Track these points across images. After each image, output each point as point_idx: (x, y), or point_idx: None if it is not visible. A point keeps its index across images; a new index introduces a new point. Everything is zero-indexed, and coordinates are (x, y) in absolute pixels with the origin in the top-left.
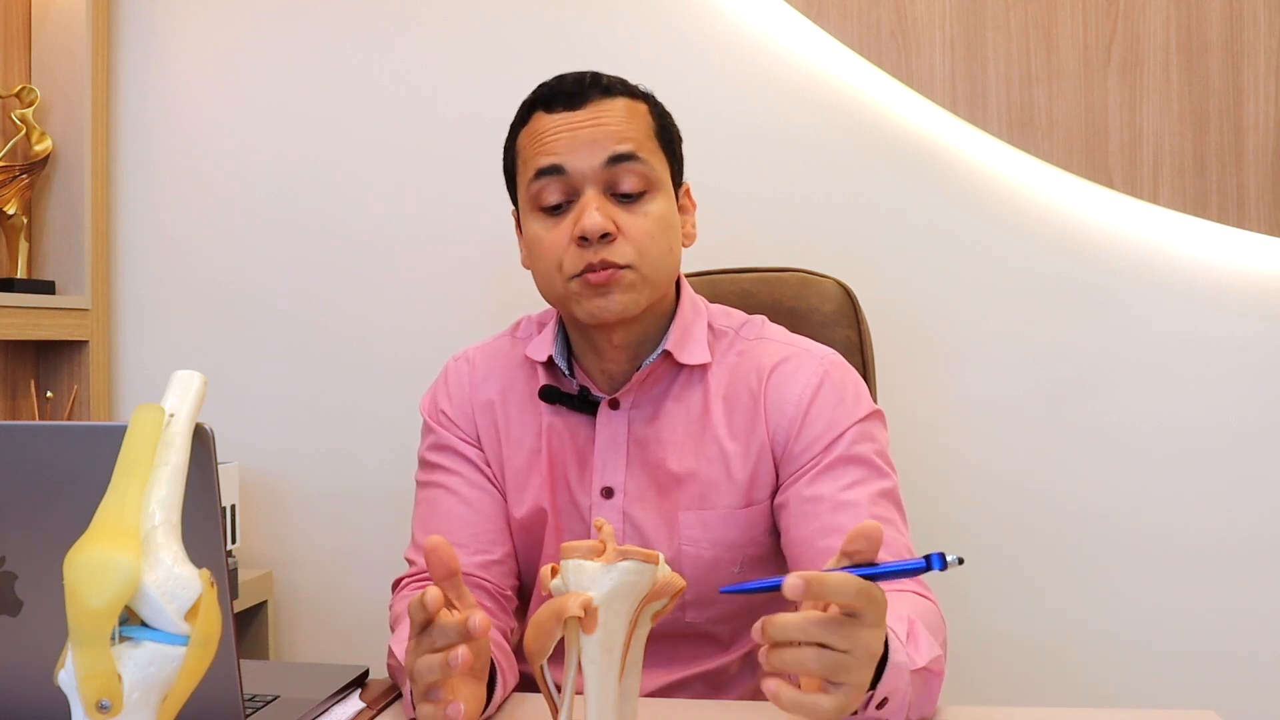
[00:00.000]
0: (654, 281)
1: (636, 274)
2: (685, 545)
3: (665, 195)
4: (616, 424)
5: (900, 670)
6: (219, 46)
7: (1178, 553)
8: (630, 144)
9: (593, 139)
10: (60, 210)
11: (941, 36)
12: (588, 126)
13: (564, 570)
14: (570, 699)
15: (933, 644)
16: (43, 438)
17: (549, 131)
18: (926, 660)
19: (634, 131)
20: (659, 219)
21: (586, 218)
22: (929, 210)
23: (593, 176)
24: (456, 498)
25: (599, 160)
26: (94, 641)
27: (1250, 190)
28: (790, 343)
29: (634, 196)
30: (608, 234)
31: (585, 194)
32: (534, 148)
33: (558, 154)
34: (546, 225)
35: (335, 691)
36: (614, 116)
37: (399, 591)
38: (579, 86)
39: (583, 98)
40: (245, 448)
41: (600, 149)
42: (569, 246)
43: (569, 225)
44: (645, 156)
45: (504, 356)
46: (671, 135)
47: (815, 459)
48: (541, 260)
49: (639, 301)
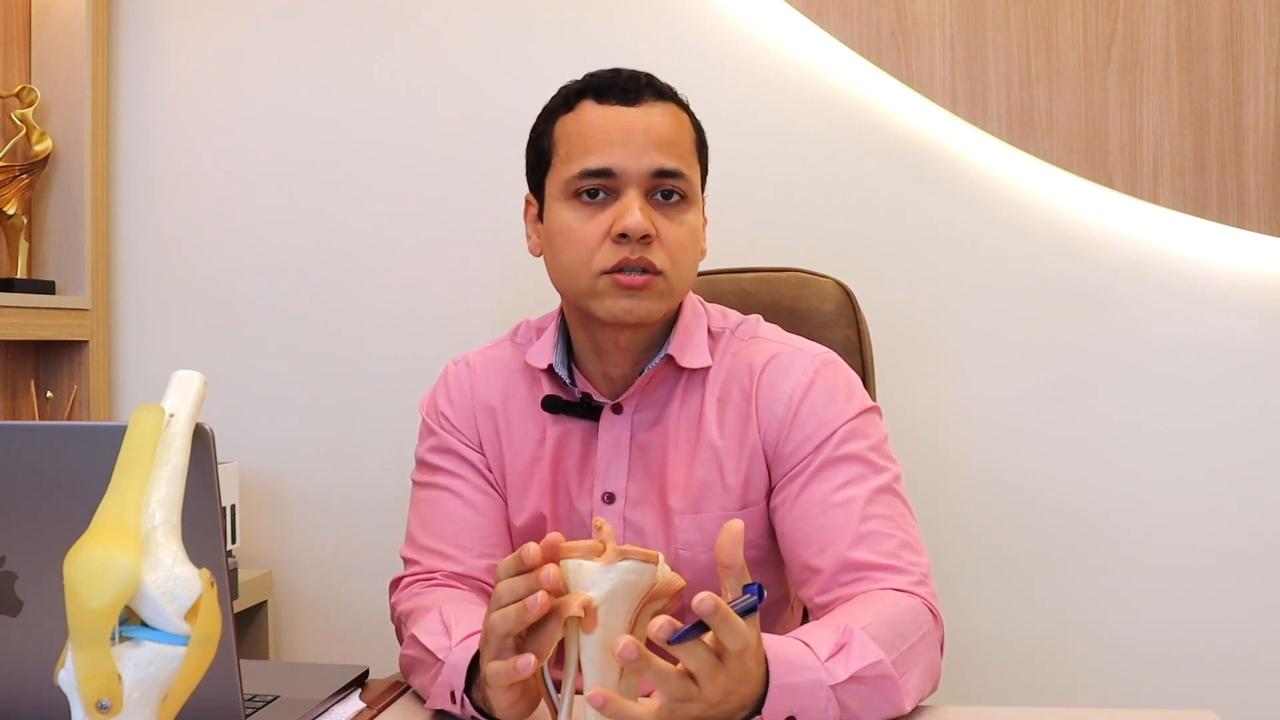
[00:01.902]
0: (678, 292)
1: (667, 283)
2: (682, 549)
3: (698, 208)
4: (619, 429)
5: (795, 691)
6: (219, 46)
7: (1178, 553)
8: (678, 154)
9: (645, 143)
10: (60, 210)
11: (941, 36)
12: (641, 128)
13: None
14: (570, 699)
15: (871, 650)
16: (43, 438)
17: (600, 124)
18: (855, 669)
19: (681, 141)
20: (692, 230)
21: (630, 217)
22: (929, 210)
23: (638, 179)
24: (461, 500)
25: (648, 165)
26: (94, 641)
27: (1250, 190)
28: (783, 341)
29: (672, 203)
30: (648, 236)
31: (628, 193)
32: (583, 139)
33: (608, 151)
34: (581, 216)
35: (335, 691)
36: (667, 122)
37: (402, 590)
38: (635, 84)
39: (638, 95)
40: (245, 448)
41: (651, 154)
42: (603, 241)
43: (606, 220)
44: (688, 171)
45: (504, 362)
46: (706, 148)
47: (806, 459)
48: (568, 250)
49: (660, 309)
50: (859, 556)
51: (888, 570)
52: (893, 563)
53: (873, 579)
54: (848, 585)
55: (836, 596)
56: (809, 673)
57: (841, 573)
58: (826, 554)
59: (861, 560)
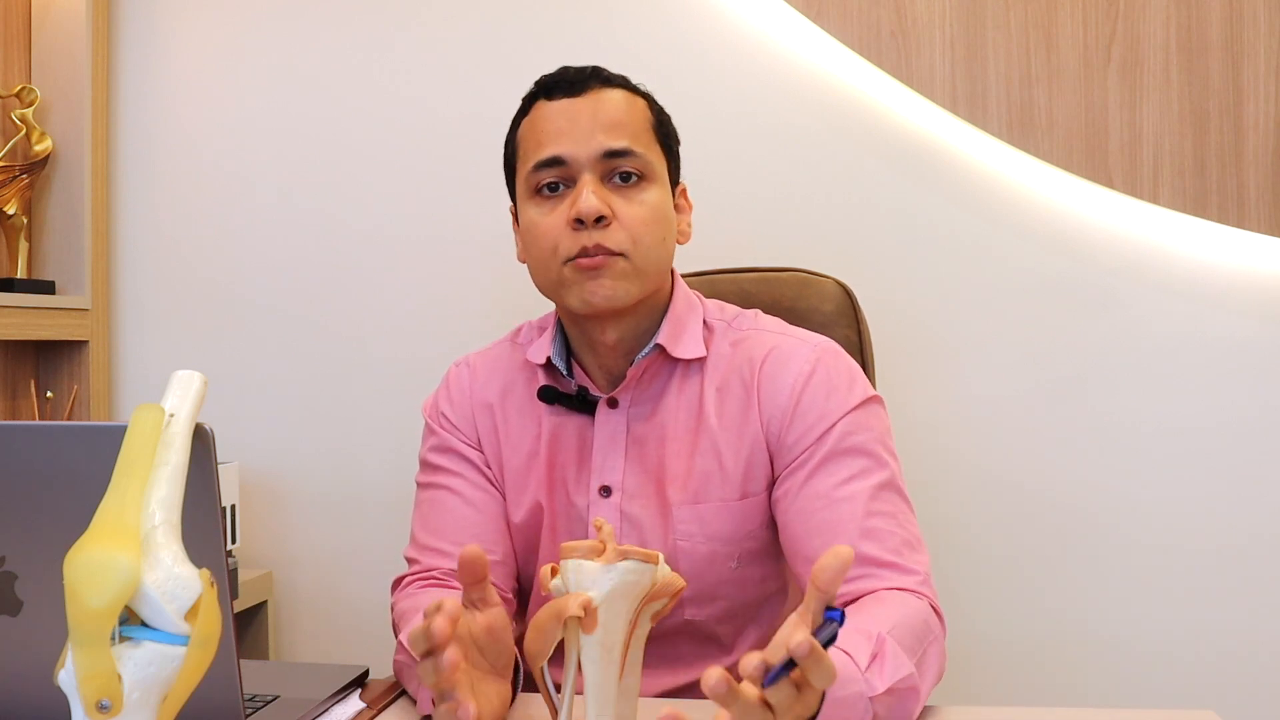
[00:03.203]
0: (645, 272)
1: (629, 263)
2: (680, 540)
3: (661, 187)
4: (615, 422)
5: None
6: (219, 46)
7: (1178, 553)
8: (627, 134)
9: (592, 126)
10: (60, 210)
11: (941, 36)
12: (587, 114)
13: (564, 570)
14: (570, 699)
15: (903, 662)
16: (43, 438)
17: (549, 118)
18: (891, 683)
19: (631, 122)
20: (654, 208)
21: (583, 200)
22: (929, 210)
23: (590, 164)
24: (460, 499)
25: (597, 149)
26: (94, 641)
27: (1250, 190)
28: (784, 332)
29: (630, 184)
30: (603, 217)
31: (582, 178)
32: (534, 136)
33: (557, 141)
34: (543, 210)
35: (335, 691)
36: (613, 106)
37: (401, 589)
38: (580, 76)
39: (583, 86)
40: (245, 448)
41: (599, 137)
42: (564, 230)
43: (565, 209)
44: (641, 149)
45: (504, 361)
46: (669, 132)
47: (809, 450)
48: (536, 246)
49: (630, 291)
50: (864, 551)
51: (892, 568)
52: (896, 560)
53: (877, 576)
54: (852, 581)
55: (841, 591)
56: (854, 684)
57: None
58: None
59: (867, 555)
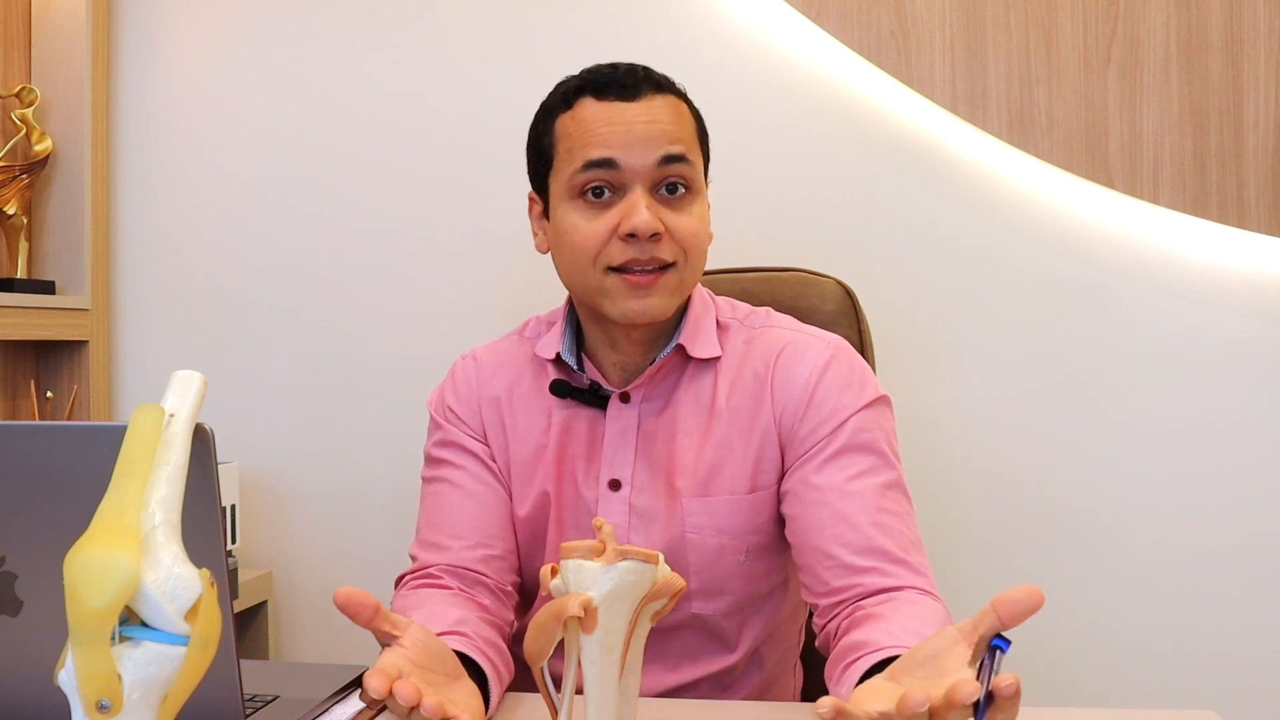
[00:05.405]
0: (688, 283)
1: (678, 275)
2: (690, 533)
3: (703, 197)
4: (627, 417)
5: None
6: (219, 46)
7: (1178, 553)
8: (682, 145)
9: (647, 136)
10: (60, 210)
11: (941, 36)
12: (642, 122)
13: (564, 570)
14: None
15: None
16: (43, 438)
17: (601, 121)
18: None
19: (684, 132)
20: (701, 219)
21: (638, 216)
22: (929, 210)
23: (644, 174)
24: (461, 491)
25: (652, 159)
26: (94, 641)
27: (1250, 190)
28: (798, 329)
29: (677, 195)
30: (657, 234)
31: (634, 191)
32: (584, 136)
33: (611, 147)
34: (586, 215)
35: (335, 691)
36: (667, 114)
37: (401, 587)
38: (633, 79)
39: (636, 90)
40: (245, 448)
41: (655, 147)
42: (610, 240)
43: (612, 219)
44: (692, 159)
45: (511, 354)
46: (706, 135)
47: (821, 443)
48: (574, 250)
49: (672, 305)
50: (878, 544)
51: (903, 565)
52: (907, 559)
53: (889, 572)
54: (864, 573)
55: (854, 583)
56: None
57: (861, 557)
58: (843, 540)
59: (880, 547)
